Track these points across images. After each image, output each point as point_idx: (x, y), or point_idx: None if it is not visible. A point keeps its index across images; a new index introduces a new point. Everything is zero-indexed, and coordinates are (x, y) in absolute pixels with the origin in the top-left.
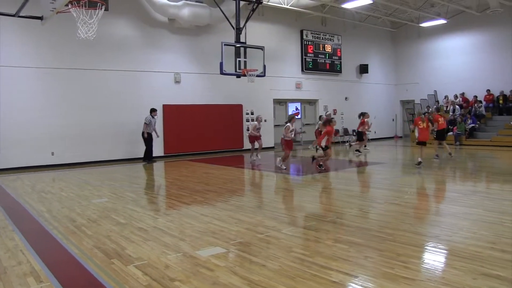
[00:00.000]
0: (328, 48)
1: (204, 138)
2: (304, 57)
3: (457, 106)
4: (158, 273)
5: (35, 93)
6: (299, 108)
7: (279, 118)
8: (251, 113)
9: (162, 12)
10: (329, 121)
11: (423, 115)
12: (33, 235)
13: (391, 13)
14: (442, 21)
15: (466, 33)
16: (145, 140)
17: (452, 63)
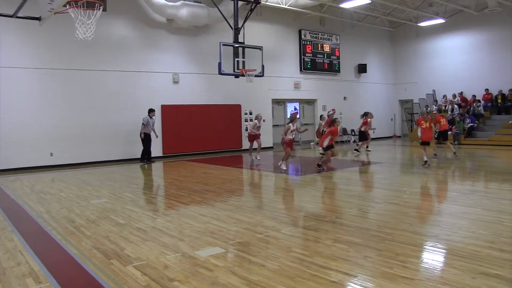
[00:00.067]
0: (327, 48)
1: (203, 138)
2: (303, 57)
3: (456, 106)
4: (157, 273)
5: (34, 94)
6: (298, 108)
7: (278, 118)
8: (250, 113)
9: (160, 13)
10: (334, 121)
11: (426, 115)
12: (32, 236)
13: (390, 13)
14: (441, 21)
15: (465, 33)
16: (142, 141)
17: (451, 63)
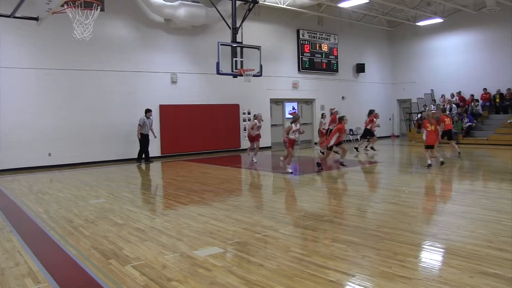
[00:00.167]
0: (325, 48)
1: (201, 138)
2: (301, 57)
3: (454, 105)
4: (156, 273)
5: (32, 94)
6: (296, 108)
7: (276, 118)
8: (248, 113)
9: (158, 12)
10: (341, 119)
11: (432, 118)
12: (31, 236)
13: (388, 12)
14: (439, 20)
15: (463, 32)
16: (140, 141)
17: (449, 62)
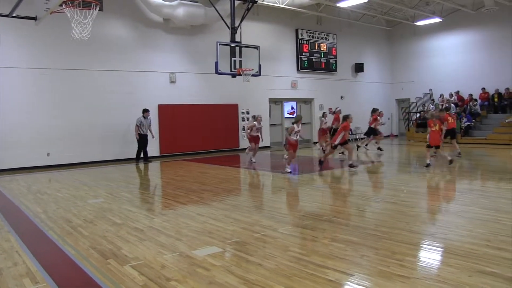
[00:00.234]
0: (324, 47)
1: (200, 138)
2: (300, 56)
3: (453, 105)
4: (155, 273)
5: (30, 94)
6: (295, 108)
7: (275, 118)
8: (247, 113)
9: (157, 12)
10: (347, 117)
11: (436, 117)
12: (29, 236)
13: (386, 12)
14: (437, 20)
15: (461, 32)
16: (137, 141)
17: (448, 62)
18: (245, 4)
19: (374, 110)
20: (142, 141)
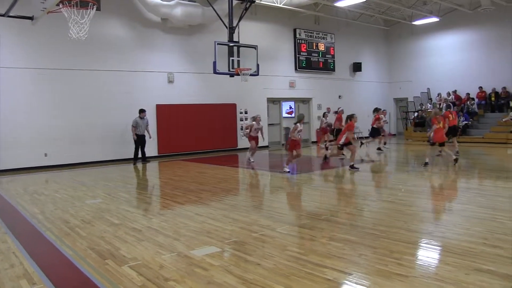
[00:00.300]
0: (321, 47)
1: (198, 138)
2: (298, 56)
3: (450, 104)
4: (153, 273)
5: (27, 94)
6: (293, 107)
7: (273, 117)
8: (245, 112)
9: (155, 12)
10: (351, 117)
11: (439, 115)
12: (26, 237)
13: (384, 11)
14: (435, 19)
15: (459, 31)
16: (134, 142)
17: (445, 61)
18: (243, 4)
19: (377, 110)
20: (139, 141)
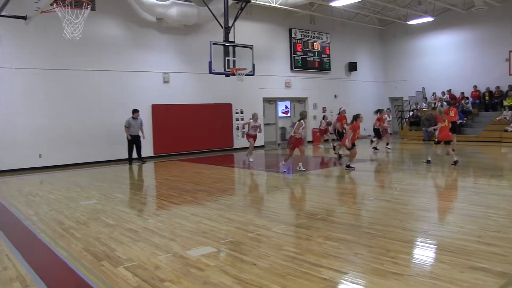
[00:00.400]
0: (317, 46)
1: (194, 138)
2: (293, 56)
3: (445, 103)
4: (148, 274)
5: (22, 95)
6: (289, 107)
7: (269, 117)
8: (241, 112)
9: (150, 12)
10: (357, 117)
11: (443, 113)
12: (20, 239)
13: (379, 11)
14: (429, 19)
15: (453, 31)
16: (128, 142)
17: (440, 60)
18: (239, 4)
19: (380, 111)
20: (133, 142)
